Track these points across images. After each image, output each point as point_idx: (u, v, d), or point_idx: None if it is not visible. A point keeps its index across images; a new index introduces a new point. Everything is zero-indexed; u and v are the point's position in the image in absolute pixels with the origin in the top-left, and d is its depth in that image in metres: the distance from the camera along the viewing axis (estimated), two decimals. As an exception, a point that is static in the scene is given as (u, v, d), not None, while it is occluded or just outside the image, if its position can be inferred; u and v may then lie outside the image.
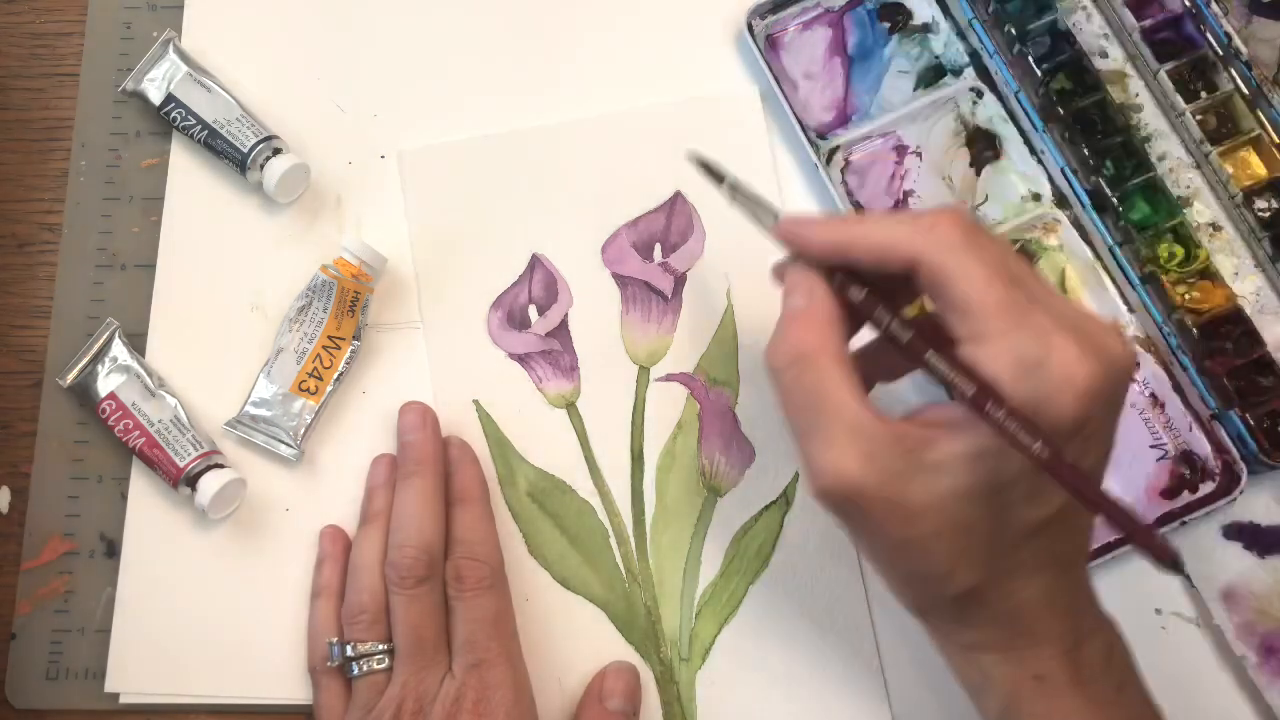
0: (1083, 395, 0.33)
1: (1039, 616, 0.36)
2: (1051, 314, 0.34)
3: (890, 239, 0.35)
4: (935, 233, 0.35)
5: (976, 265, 0.34)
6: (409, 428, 0.48)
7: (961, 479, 0.34)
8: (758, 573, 0.48)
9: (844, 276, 0.37)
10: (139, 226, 0.52)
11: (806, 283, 0.37)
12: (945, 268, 0.34)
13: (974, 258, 0.34)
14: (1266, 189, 0.49)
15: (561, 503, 0.49)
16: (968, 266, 0.34)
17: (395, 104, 0.54)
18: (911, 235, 0.35)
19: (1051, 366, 0.33)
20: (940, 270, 0.34)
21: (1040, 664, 0.36)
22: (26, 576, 0.48)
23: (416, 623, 0.43)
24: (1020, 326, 0.33)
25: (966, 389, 0.33)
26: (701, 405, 0.49)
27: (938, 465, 0.34)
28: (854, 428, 0.34)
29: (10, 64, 0.55)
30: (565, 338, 0.50)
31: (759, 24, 0.53)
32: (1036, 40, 0.52)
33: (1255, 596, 0.46)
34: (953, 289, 0.34)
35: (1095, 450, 0.35)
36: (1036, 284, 0.35)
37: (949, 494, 0.34)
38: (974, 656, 0.37)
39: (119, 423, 0.48)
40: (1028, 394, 0.33)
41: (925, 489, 0.34)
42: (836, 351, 0.36)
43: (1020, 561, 0.35)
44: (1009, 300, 0.33)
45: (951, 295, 0.34)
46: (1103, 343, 0.34)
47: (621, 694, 0.45)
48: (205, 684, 0.47)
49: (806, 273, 0.38)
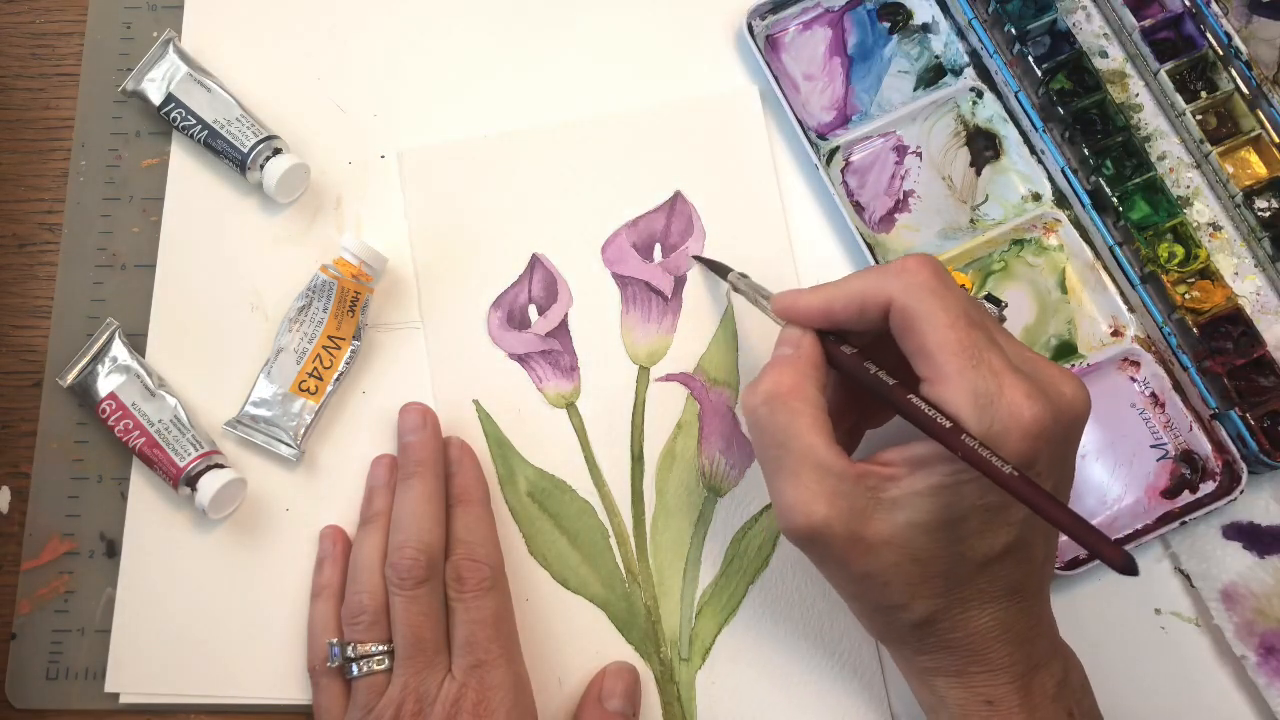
0: (1029, 434, 0.35)
1: (991, 645, 0.38)
2: (1006, 357, 0.36)
3: (865, 286, 0.38)
4: (905, 276, 0.37)
5: (940, 309, 0.36)
6: (409, 428, 0.48)
7: (918, 513, 0.36)
8: (758, 573, 0.48)
9: (834, 337, 0.40)
10: (139, 226, 0.52)
11: (795, 336, 0.40)
12: (912, 310, 0.37)
13: (938, 302, 0.36)
14: (1267, 189, 0.49)
15: (561, 503, 0.49)
16: (933, 309, 0.36)
17: (395, 104, 0.54)
18: (883, 279, 0.38)
19: (1001, 404, 0.35)
20: (908, 312, 0.37)
21: (992, 690, 0.38)
22: (26, 576, 0.48)
23: (417, 623, 0.43)
24: (977, 367, 0.35)
25: (943, 423, 0.35)
26: (701, 405, 0.49)
27: (896, 501, 0.36)
28: (820, 468, 0.37)
29: (10, 64, 0.55)
30: (565, 338, 0.50)
31: (759, 24, 0.53)
32: (1036, 40, 0.52)
33: (1255, 596, 0.46)
34: (918, 329, 0.36)
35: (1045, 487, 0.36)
36: (996, 330, 0.38)
37: (906, 527, 0.36)
38: (929, 680, 0.39)
39: (119, 423, 0.48)
40: (984, 429, 0.35)
41: (885, 524, 0.37)
42: (809, 396, 0.38)
43: (976, 592, 0.37)
44: (969, 341, 0.36)
45: (918, 336, 0.36)
46: (1054, 387, 0.36)
47: (621, 694, 0.45)
48: (205, 684, 0.47)
49: (796, 329, 0.40)
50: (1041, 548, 0.38)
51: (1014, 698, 0.38)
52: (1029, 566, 0.38)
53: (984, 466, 0.34)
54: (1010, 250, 0.51)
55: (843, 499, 0.36)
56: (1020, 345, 0.38)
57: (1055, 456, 0.36)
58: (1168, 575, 0.47)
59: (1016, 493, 0.34)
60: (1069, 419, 0.37)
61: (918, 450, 0.36)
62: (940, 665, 0.39)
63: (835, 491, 0.36)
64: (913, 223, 0.51)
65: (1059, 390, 0.37)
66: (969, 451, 0.34)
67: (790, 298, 0.41)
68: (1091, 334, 0.50)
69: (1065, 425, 0.36)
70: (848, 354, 0.39)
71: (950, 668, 0.38)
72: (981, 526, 0.36)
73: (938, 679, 0.39)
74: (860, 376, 0.39)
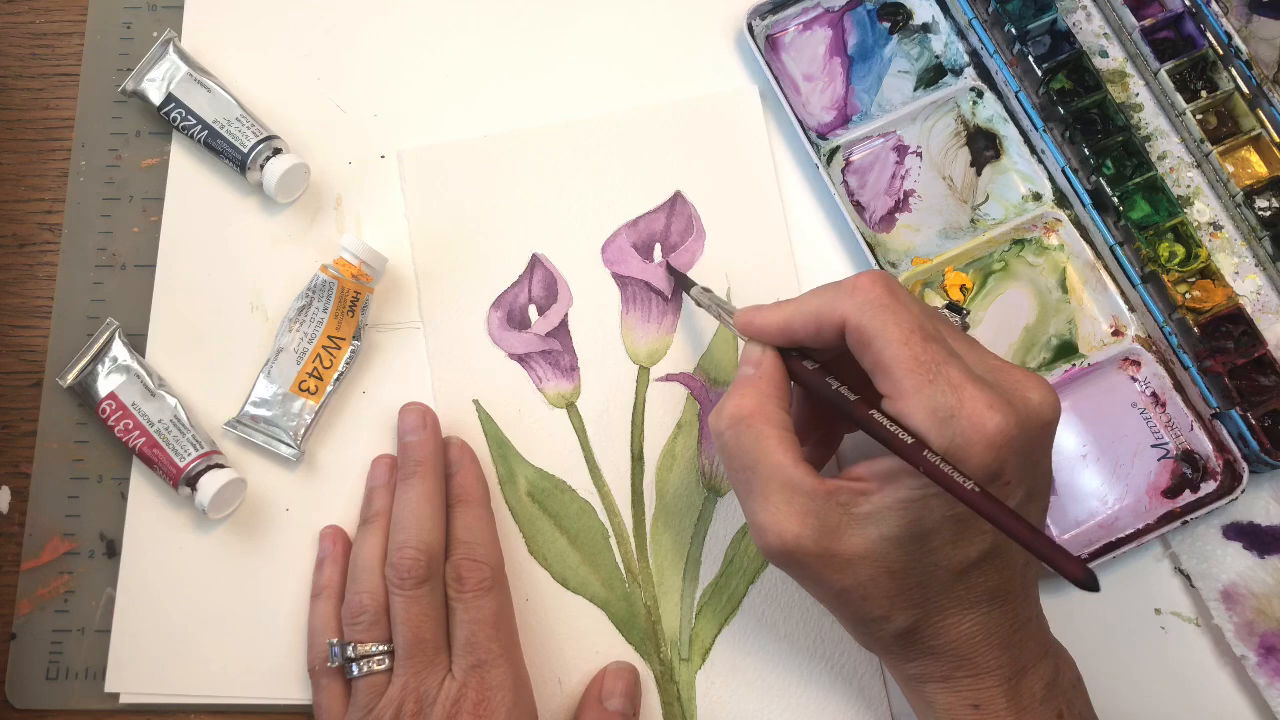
0: (992, 445, 0.34)
1: (976, 649, 0.38)
2: (966, 368, 0.36)
3: (820, 306, 0.38)
4: (856, 294, 0.37)
5: (893, 325, 0.36)
6: (409, 429, 0.48)
7: (890, 527, 0.36)
8: (758, 573, 0.48)
9: (796, 354, 0.40)
10: (139, 226, 0.52)
11: (756, 355, 0.40)
12: (865, 328, 0.37)
13: (891, 318, 0.36)
14: (1267, 188, 0.49)
15: (561, 503, 0.49)
16: (886, 326, 0.36)
17: (395, 104, 0.54)
18: (835, 299, 0.38)
19: (962, 417, 0.35)
20: (862, 330, 0.37)
21: (978, 694, 0.38)
22: (26, 576, 0.48)
23: (417, 623, 0.43)
24: (934, 381, 0.35)
25: (905, 438, 0.35)
26: (701, 405, 0.49)
27: (868, 516, 0.36)
28: (789, 487, 0.37)
29: (10, 64, 0.55)
30: (565, 338, 0.50)
31: (759, 24, 0.53)
32: (1036, 40, 0.52)
33: (1255, 596, 0.46)
34: (874, 347, 0.36)
35: (1016, 495, 0.36)
36: (956, 339, 0.38)
37: (879, 541, 0.36)
38: (918, 686, 0.40)
39: (119, 423, 0.48)
40: (945, 443, 0.35)
41: (858, 539, 0.37)
42: (774, 415, 0.38)
43: (954, 600, 0.37)
44: (925, 356, 0.36)
45: (873, 353, 0.36)
46: (1017, 394, 0.36)
47: (622, 694, 0.45)
48: (205, 684, 0.47)
49: (757, 347, 0.40)
50: (1021, 553, 0.38)
51: (1001, 700, 0.38)
52: (1008, 571, 0.38)
53: (946, 482, 0.34)
54: (1011, 250, 0.51)
55: (813, 516, 0.37)
56: (984, 352, 0.38)
57: (1024, 464, 0.36)
58: (1168, 575, 0.47)
59: (977, 508, 0.34)
60: (1036, 425, 0.36)
61: (885, 464, 0.36)
62: (927, 671, 0.39)
63: (805, 510, 0.37)
64: (913, 222, 0.51)
65: (1024, 397, 0.36)
66: (930, 467, 0.34)
67: (750, 314, 0.41)
68: (1092, 333, 0.50)
69: (1032, 432, 0.36)
70: (809, 370, 0.39)
71: (936, 673, 0.39)
72: (954, 536, 0.36)
73: (925, 685, 0.39)
74: (823, 392, 0.39)
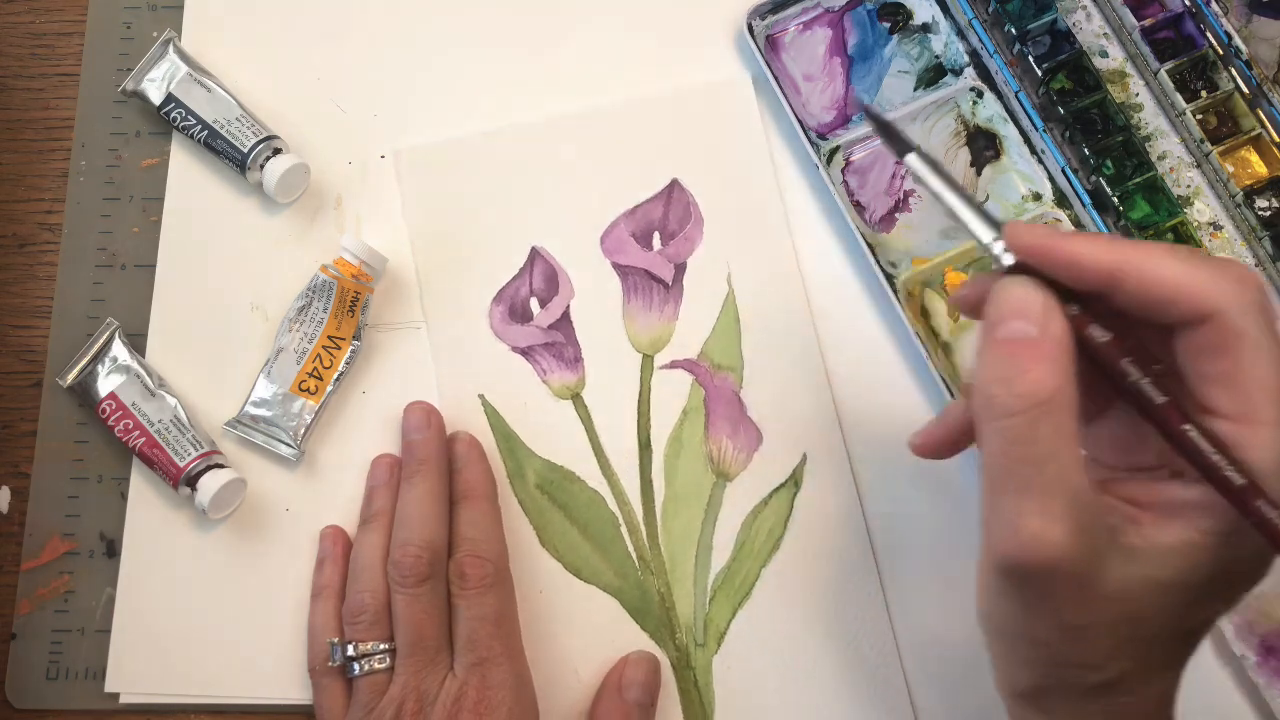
0: None
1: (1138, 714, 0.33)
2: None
3: (1188, 280, 0.30)
4: (1243, 287, 0.30)
5: (1273, 339, 0.29)
6: (413, 427, 0.48)
7: (1162, 570, 0.30)
8: (769, 556, 0.47)
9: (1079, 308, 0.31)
10: (139, 226, 0.52)
11: (1037, 306, 0.30)
12: (1246, 332, 0.29)
13: (1271, 331, 0.29)
14: (1267, 188, 0.49)
15: (571, 494, 0.49)
16: (1265, 337, 0.29)
17: (395, 104, 0.54)
18: (1217, 283, 0.30)
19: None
20: (1238, 332, 0.29)
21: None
22: (26, 576, 0.48)
23: (419, 621, 0.43)
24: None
25: (1235, 479, 0.29)
26: (707, 391, 0.49)
27: (1136, 552, 0.30)
28: (1075, 496, 0.29)
29: (10, 64, 0.55)
30: (568, 329, 0.50)
31: (759, 24, 0.53)
32: (1036, 40, 0.52)
33: (1255, 596, 0.46)
34: (1241, 355, 0.29)
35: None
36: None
37: (1142, 583, 0.30)
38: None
39: (119, 423, 0.48)
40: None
41: (1118, 576, 0.30)
42: (1074, 402, 0.30)
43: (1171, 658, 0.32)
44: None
45: (1234, 361, 0.29)
46: None
47: (641, 684, 0.45)
48: (205, 684, 0.47)
49: (1035, 293, 0.31)
50: None
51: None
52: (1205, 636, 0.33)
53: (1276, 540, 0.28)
54: (1010, 250, 0.51)
55: (1087, 536, 0.29)
56: None
57: None
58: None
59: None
60: None
61: (1177, 494, 0.30)
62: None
63: (1081, 527, 0.29)
64: (913, 222, 0.51)
65: None
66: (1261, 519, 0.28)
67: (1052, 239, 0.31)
68: (1092, 333, 0.50)
69: None
70: (1103, 342, 0.31)
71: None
72: (1208, 595, 0.31)
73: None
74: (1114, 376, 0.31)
